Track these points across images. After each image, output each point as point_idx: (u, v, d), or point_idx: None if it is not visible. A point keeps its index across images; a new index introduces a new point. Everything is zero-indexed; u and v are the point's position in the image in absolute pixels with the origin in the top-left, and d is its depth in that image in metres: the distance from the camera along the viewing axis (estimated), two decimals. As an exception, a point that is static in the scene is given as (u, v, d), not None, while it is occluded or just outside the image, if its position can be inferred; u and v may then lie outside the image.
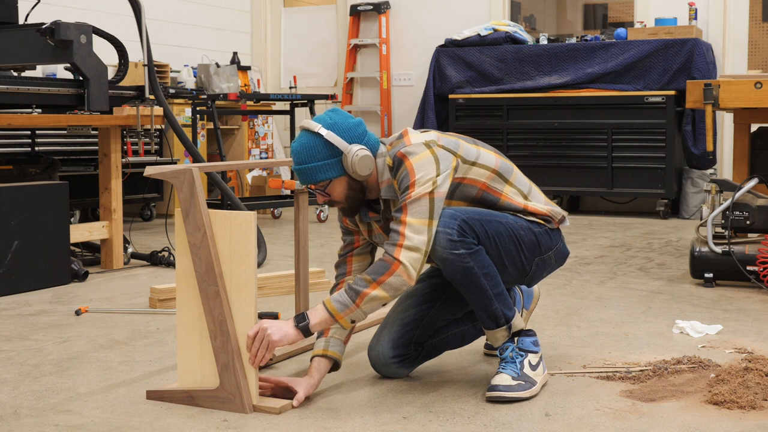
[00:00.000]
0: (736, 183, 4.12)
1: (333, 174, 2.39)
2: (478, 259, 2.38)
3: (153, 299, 3.66)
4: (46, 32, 4.14)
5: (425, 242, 2.31)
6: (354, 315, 2.33)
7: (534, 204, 2.57)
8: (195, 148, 4.92)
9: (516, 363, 2.46)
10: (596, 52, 7.11)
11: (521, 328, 2.51)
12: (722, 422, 2.21)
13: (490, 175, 2.49)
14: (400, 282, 2.30)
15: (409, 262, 2.29)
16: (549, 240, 2.58)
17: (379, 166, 2.43)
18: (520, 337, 2.50)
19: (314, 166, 2.38)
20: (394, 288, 2.30)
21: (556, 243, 2.61)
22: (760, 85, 4.07)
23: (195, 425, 2.22)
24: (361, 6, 8.35)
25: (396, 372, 2.60)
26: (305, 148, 2.37)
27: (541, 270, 2.60)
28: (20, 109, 4.73)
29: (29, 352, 2.97)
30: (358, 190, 2.43)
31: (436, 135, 2.46)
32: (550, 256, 2.59)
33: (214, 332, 2.33)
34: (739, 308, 3.57)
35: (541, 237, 2.55)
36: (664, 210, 6.86)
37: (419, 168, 2.34)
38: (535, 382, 2.45)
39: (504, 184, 2.53)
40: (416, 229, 2.31)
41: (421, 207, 2.32)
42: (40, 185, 4.21)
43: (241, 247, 2.31)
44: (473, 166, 2.46)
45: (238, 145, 7.84)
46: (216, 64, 7.12)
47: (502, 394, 2.38)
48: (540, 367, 2.51)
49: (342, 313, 2.33)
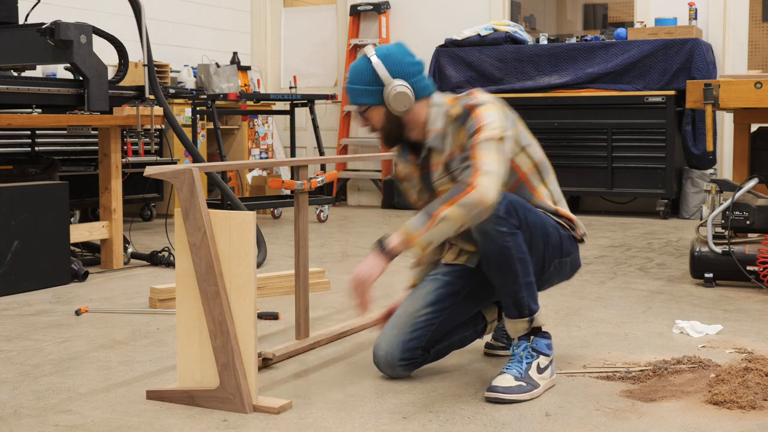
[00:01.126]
0: (736, 183, 4.12)
1: (371, 101, 2.49)
2: (516, 243, 2.40)
3: (153, 299, 3.66)
4: (46, 32, 4.14)
5: (500, 172, 2.35)
6: (427, 236, 2.32)
7: (564, 209, 2.63)
8: (195, 148, 4.92)
9: (523, 363, 2.45)
10: (596, 52, 7.11)
11: (541, 325, 2.51)
12: (722, 422, 2.21)
13: (531, 168, 2.57)
14: (476, 199, 2.29)
15: (484, 183, 2.31)
16: (570, 246, 2.63)
17: (431, 114, 2.51)
18: (536, 337, 2.50)
19: (357, 88, 2.50)
20: (469, 206, 2.30)
21: (574, 251, 2.66)
22: (760, 85, 4.07)
23: (195, 425, 2.22)
24: (361, 6, 8.35)
25: (400, 374, 2.60)
26: (356, 69, 2.51)
27: (555, 273, 2.63)
28: (20, 109, 4.72)
29: (29, 352, 2.97)
30: (395, 124, 2.52)
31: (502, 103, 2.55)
32: (567, 262, 2.63)
33: (214, 332, 2.33)
34: (739, 308, 3.57)
35: (564, 240, 2.60)
36: (664, 210, 6.86)
37: (486, 116, 2.43)
38: (538, 386, 2.44)
39: (540, 184, 2.60)
40: (490, 160, 2.35)
41: (490, 147, 2.37)
42: (40, 185, 4.21)
43: (241, 247, 2.31)
44: (522, 152, 2.55)
45: (238, 145, 7.84)
46: (216, 64, 7.12)
47: (499, 395, 2.38)
48: (548, 371, 2.49)
49: (416, 233, 2.32)
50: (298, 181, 2.95)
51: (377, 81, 2.47)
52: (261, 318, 3.43)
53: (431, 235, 2.32)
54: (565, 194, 8.15)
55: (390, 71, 2.47)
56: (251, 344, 2.31)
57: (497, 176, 2.33)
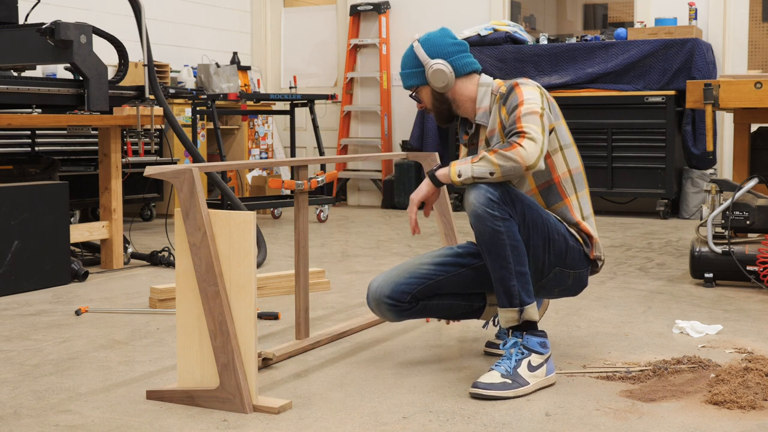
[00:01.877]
0: (736, 183, 4.12)
1: (416, 82, 2.69)
2: (509, 229, 2.44)
3: (153, 299, 3.66)
4: (46, 32, 4.14)
5: (544, 140, 2.44)
6: (464, 167, 2.44)
7: (588, 226, 2.66)
8: (195, 148, 4.92)
9: (512, 360, 2.46)
10: (596, 52, 7.11)
11: (534, 320, 2.51)
12: (722, 422, 2.21)
13: (566, 173, 2.63)
14: (516, 156, 2.39)
15: (528, 145, 2.41)
16: (578, 259, 2.63)
17: (480, 93, 2.67)
18: (528, 335, 2.50)
19: (404, 72, 2.72)
20: (508, 159, 2.40)
21: (582, 267, 2.66)
22: (760, 85, 4.07)
23: (195, 425, 2.22)
24: (361, 6, 8.35)
25: (384, 314, 2.65)
26: (404, 56, 2.72)
27: (556, 282, 2.63)
28: (20, 109, 4.73)
29: (29, 352, 2.97)
30: (442, 101, 2.69)
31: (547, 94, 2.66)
32: (570, 274, 2.63)
33: (214, 332, 2.33)
34: (739, 308, 3.57)
35: (571, 251, 2.61)
36: (664, 210, 6.86)
37: (527, 93, 2.54)
38: (527, 384, 2.44)
39: (573, 193, 2.65)
40: (535, 128, 2.45)
41: (534, 119, 2.47)
42: (40, 185, 4.21)
43: (241, 247, 2.32)
44: (559, 151, 2.63)
45: (238, 145, 7.84)
46: (216, 64, 7.12)
47: (480, 391, 2.40)
48: (541, 370, 2.49)
49: (457, 164, 2.47)
50: (298, 181, 2.95)
51: (418, 63, 2.67)
52: (261, 318, 3.43)
53: (467, 167, 2.44)
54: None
55: (428, 53, 2.65)
56: (251, 344, 2.31)
57: (540, 142, 2.43)
